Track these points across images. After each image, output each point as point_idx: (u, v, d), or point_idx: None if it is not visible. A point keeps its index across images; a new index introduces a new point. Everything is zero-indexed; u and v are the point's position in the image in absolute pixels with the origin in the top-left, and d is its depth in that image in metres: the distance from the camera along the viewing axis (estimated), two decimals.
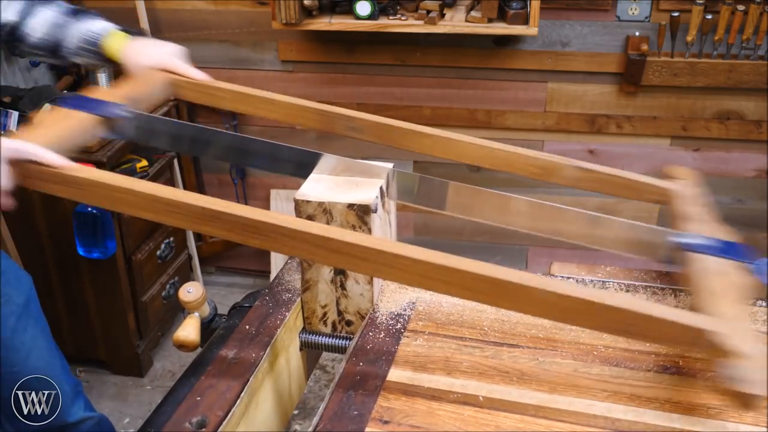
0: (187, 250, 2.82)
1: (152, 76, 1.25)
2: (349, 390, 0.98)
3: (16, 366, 1.51)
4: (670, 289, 1.20)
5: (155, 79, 1.24)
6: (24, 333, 1.53)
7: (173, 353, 2.67)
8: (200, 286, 1.16)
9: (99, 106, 1.12)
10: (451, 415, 0.94)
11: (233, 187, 2.85)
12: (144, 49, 1.29)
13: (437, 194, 1.12)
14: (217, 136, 1.18)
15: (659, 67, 2.33)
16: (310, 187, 1.10)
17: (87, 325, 2.45)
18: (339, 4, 2.33)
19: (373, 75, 2.60)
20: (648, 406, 0.95)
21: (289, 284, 1.24)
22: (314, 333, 1.19)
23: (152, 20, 2.57)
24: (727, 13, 2.18)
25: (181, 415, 0.95)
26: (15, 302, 1.52)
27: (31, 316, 1.57)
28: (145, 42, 1.31)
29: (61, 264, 2.34)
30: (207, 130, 1.17)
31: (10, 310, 1.50)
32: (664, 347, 1.06)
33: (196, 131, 1.19)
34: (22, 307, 1.53)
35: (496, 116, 2.58)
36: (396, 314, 1.15)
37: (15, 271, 1.58)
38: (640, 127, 2.51)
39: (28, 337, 1.54)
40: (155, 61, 1.27)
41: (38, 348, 1.57)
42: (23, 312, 1.53)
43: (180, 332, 1.13)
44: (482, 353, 1.06)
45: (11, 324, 1.50)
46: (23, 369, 1.52)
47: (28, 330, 1.54)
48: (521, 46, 2.45)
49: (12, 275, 1.55)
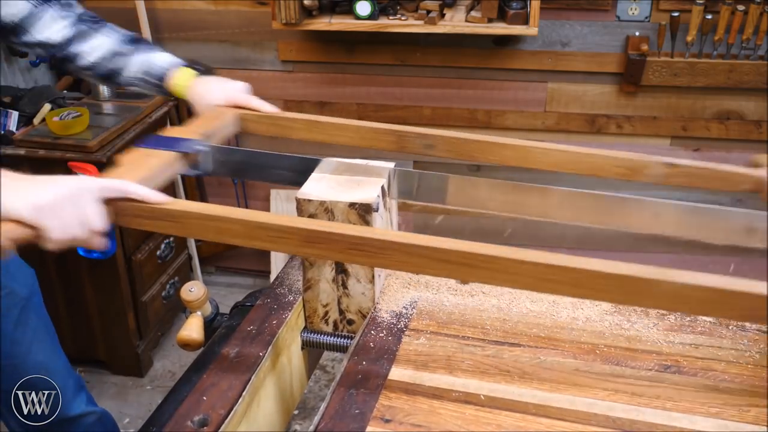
0: (187, 250, 2.82)
1: (221, 112, 1.25)
2: (351, 389, 0.98)
3: (17, 358, 1.51)
4: None
5: (225, 115, 1.24)
6: (26, 326, 1.53)
7: (173, 353, 2.67)
8: (202, 286, 1.16)
9: (177, 143, 1.12)
10: (453, 414, 0.94)
11: (233, 187, 2.85)
12: (211, 86, 1.29)
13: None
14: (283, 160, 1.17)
15: (659, 67, 2.33)
16: (312, 186, 1.10)
17: (87, 325, 2.45)
18: (339, 4, 2.33)
19: (373, 75, 2.60)
20: (649, 405, 0.95)
21: (291, 283, 1.25)
22: (316, 332, 1.19)
23: (152, 20, 2.57)
24: (727, 13, 2.18)
25: (183, 414, 0.95)
26: (18, 295, 1.52)
27: (34, 309, 1.57)
28: (211, 79, 1.32)
29: (61, 264, 2.34)
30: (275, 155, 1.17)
31: (13, 302, 1.51)
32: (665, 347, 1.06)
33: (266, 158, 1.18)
34: (26, 300, 1.54)
35: (496, 116, 2.58)
36: (397, 313, 1.15)
37: (18, 265, 1.58)
38: (640, 127, 2.52)
39: (30, 330, 1.54)
40: (223, 99, 1.27)
41: (40, 341, 1.57)
42: (26, 305, 1.54)
43: (183, 331, 1.13)
44: (483, 352, 1.06)
45: (14, 316, 1.51)
46: (25, 362, 1.52)
47: (30, 323, 1.54)
48: (521, 46, 2.46)
49: (15, 268, 1.55)
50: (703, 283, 0.81)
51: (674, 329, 1.10)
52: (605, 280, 0.83)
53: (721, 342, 1.07)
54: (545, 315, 1.15)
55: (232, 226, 0.92)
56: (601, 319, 1.13)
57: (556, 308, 1.16)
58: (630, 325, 1.11)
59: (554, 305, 1.17)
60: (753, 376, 1.00)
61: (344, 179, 1.12)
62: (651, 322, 1.12)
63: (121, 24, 1.36)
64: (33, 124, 2.32)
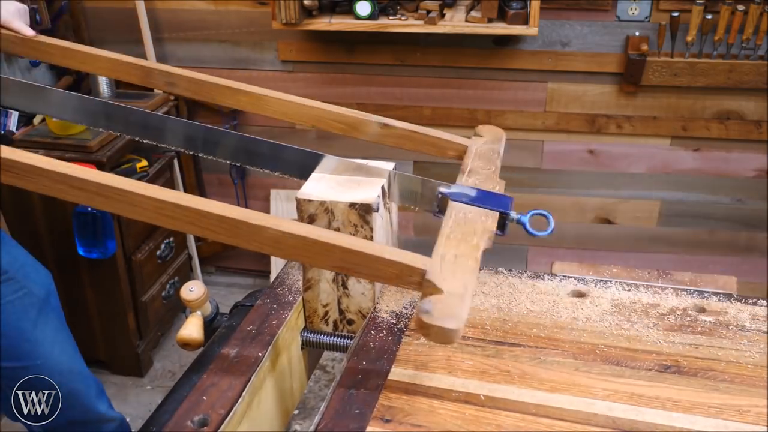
0: (187, 250, 2.82)
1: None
2: (351, 389, 0.98)
3: (40, 359, 1.51)
4: (671, 288, 1.21)
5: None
6: (46, 326, 1.53)
7: (173, 353, 2.67)
8: (202, 285, 1.16)
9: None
10: (453, 414, 0.94)
11: (233, 187, 2.85)
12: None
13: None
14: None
15: (659, 67, 2.33)
16: (312, 186, 1.10)
17: (87, 325, 2.45)
18: (339, 4, 2.34)
19: (373, 75, 2.60)
20: (649, 405, 0.95)
21: (291, 283, 1.25)
22: (316, 332, 1.19)
23: (152, 20, 2.57)
24: (727, 13, 2.18)
25: (183, 414, 0.95)
26: (35, 295, 1.52)
27: (52, 309, 1.57)
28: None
29: (61, 264, 2.34)
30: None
31: (30, 302, 1.51)
32: (665, 347, 1.06)
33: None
34: (43, 300, 1.54)
35: (496, 116, 2.58)
36: (397, 313, 1.15)
37: (34, 266, 1.59)
38: (640, 127, 2.52)
39: (51, 330, 1.54)
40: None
41: (62, 342, 1.57)
42: (44, 305, 1.54)
43: (183, 331, 1.13)
44: (483, 352, 1.06)
45: (32, 316, 1.51)
46: (47, 362, 1.52)
47: (50, 324, 1.54)
48: (521, 46, 2.46)
49: (31, 269, 1.56)
50: (297, 231, 0.90)
51: (674, 329, 1.10)
52: (218, 221, 0.91)
53: (721, 342, 1.07)
54: (545, 315, 1.15)
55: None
56: (601, 319, 1.13)
57: (556, 308, 1.16)
58: (630, 325, 1.11)
59: (554, 305, 1.17)
60: (753, 376, 1.00)
61: (344, 179, 1.12)
62: (651, 322, 1.12)
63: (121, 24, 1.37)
64: (33, 124, 2.32)
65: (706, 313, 1.14)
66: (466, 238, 0.94)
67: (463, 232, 0.96)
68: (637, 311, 1.15)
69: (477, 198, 1.05)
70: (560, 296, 1.19)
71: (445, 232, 0.96)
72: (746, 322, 1.11)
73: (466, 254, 0.91)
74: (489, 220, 0.99)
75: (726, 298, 1.17)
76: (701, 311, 1.14)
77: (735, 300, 1.17)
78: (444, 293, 0.84)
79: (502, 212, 1.02)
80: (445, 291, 0.84)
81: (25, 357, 1.49)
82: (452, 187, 1.07)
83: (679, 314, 1.14)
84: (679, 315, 1.13)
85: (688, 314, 1.13)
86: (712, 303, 1.16)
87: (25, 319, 1.49)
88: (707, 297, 1.18)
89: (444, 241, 0.93)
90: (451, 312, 0.81)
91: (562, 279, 1.23)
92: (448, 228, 0.97)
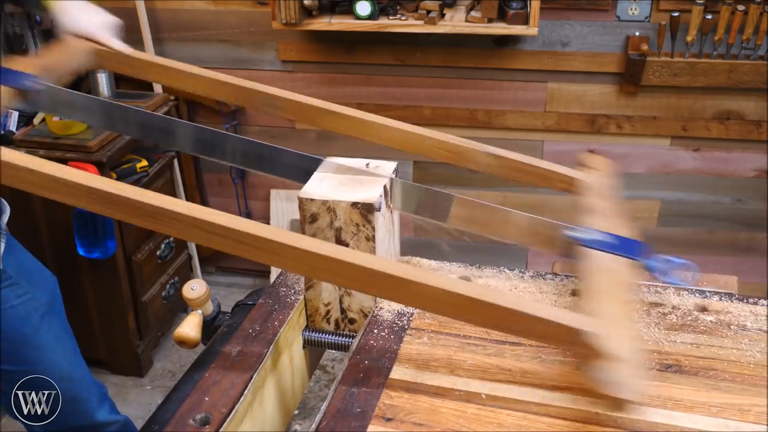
0: (187, 250, 2.82)
1: (76, 45, 1.25)
2: (353, 387, 0.98)
3: (41, 365, 1.50)
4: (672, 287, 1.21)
5: (77, 49, 1.25)
6: (49, 332, 1.52)
7: (173, 353, 2.67)
8: (204, 284, 1.16)
9: (10, 78, 1.09)
10: (454, 413, 0.94)
11: (233, 187, 2.85)
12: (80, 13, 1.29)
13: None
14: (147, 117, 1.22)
15: (659, 67, 2.33)
16: (314, 185, 1.10)
17: (87, 325, 2.45)
18: (339, 4, 2.34)
19: (373, 75, 2.60)
20: (649, 405, 0.95)
21: (293, 282, 1.25)
22: (317, 331, 1.19)
23: (152, 20, 2.57)
24: (727, 13, 2.19)
25: (185, 412, 0.95)
26: (39, 300, 1.51)
27: (56, 315, 1.57)
28: (83, 5, 1.31)
29: (61, 264, 2.33)
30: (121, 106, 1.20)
31: (34, 307, 1.50)
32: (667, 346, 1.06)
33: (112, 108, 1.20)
34: (47, 305, 1.53)
35: (496, 116, 2.58)
36: (399, 312, 1.15)
37: (39, 271, 1.58)
38: (640, 127, 2.52)
39: (53, 336, 1.54)
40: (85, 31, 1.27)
41: (64, 348, 1.56)
42: (48, 311, 1.53)
43: (180, 329, 1.13)
44: (485, 351, 1.06)
45: (35, 322, 1.50)
46: (48, 368, 1.51)
47: (53, 329, 1.53)
48: (521, 46, 2.46)
49: (36, 274, 1.55)
50: (453, 289, 0.88)
51: (675, 328, 1.10)
52: (367, 274, 0.89)
53: (722, 341, 1.07)
54: None
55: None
56: None
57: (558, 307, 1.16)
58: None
59: (556, 305, 1.17)
60: (754, 376, 1.00)
61: (346, 178, 1.12)
62: (652, 321, 1.12)
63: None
64: (33, 124, 2.32)
65: (708, 312, 1.14)
66: (617, 294, 0.92)
67: (610, 285, 0.94)
68: (638, 310, 1.15)
69: (611, 245, 1.02)
70: (562, 295, 1.19)
71: (592, 287, 0.94)
72: (747, 321, 1.11)
73: (622, 315, 0.90)
74: (630, 270, 0.98)
75: (727, 298, 1.17)
76: (702, 311, 1.14)
77: (736, 299, 1.17)
78: (617, 361, 0.84)
79: (647, 267, 1.01)
80: (618, 359, 0.84)
81: (26, 362, 1.49)
82: (581, 231, 1.05)
83: (681, 314, 1.14)
84: (680, 315, 1.14)
85: (689, 314, 1.14)
86: (714, 302, 1.16)
87: (28, 325, 1.48)
88: (708, 296, 1.18)
89: (596, 298, 0.92)
90: (630, 383, 0.83)
91: (563, 278, 1.23)
92: (594, 282, 0.95)
